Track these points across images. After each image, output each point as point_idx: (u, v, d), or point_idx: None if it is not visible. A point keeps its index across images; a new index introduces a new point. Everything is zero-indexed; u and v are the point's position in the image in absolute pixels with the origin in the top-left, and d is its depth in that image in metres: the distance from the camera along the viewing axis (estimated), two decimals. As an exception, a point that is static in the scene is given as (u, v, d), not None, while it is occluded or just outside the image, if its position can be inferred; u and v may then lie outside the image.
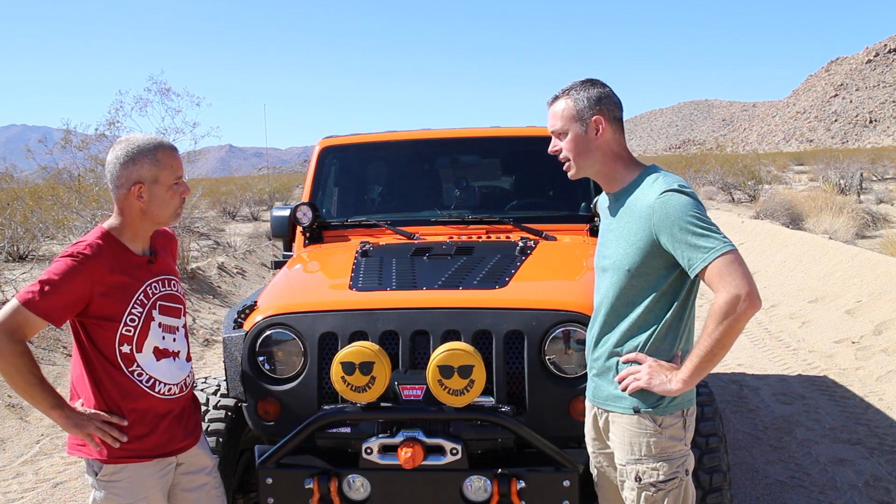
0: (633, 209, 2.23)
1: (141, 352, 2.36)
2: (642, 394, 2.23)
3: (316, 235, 4.06)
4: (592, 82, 2.30)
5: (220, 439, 2.99)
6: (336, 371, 2.61)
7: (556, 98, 2.32)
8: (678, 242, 2.13)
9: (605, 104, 2.27)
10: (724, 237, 2.12)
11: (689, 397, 2.27)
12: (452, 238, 3.84)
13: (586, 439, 2.52)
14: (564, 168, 2.35)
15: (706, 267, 2.09)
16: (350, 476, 2.69)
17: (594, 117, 2.25)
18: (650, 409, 2.23)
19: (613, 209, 2.34)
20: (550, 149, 2.36)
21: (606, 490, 2.50)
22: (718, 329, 2.09)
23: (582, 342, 2.75)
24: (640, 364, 2.23)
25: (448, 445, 2.63)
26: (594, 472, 2.53)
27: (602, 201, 2.47)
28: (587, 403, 2.47)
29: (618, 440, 2.31)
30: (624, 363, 2.27)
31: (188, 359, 2.54)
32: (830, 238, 13.20)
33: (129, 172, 2.30)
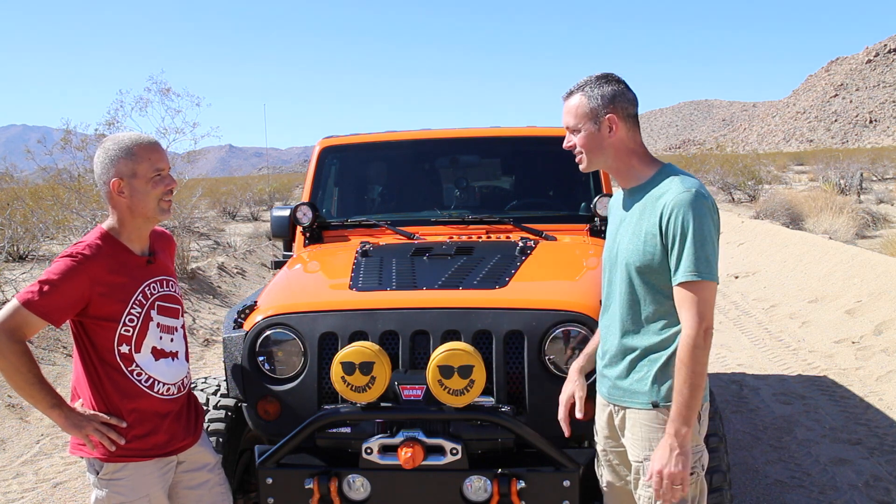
0: (648, 205, 2.23)
1: (139, 352, 2.36)
2: (659, 388, 2.23)
3: (316, 235, 4.05)
4: (607, 79, 2.29)
5: (220, 439, 2.99)
6: (336, 371, 2.61)
7: (570, 93, 2.32)
8: (676, 244, 2.14)
9: (619, 102, 2.26)
10: (714, 262, 2.14)
11: (704, 395, 2.28)
12: (452, 238, 3.84)
13: (597, 437, 2.51)
14: (577, 161, 2.35)
15: (683, 283, 2.13)
16: (350, 476, 2.69)
17: (608, 116, 2.25)
18: (669, 403, 2.22)
19: (627, 204, 2.34)
20: (565, 144, 2.36)
21: (615, 489, 2.49)
22: (684, 363, 2.12)
23: (582, 342, 2.75)
24: (654, 473, 2.19)
25: (448, 445, 2.63)
26: (602, 471, 2.52)
27: (615, 199, 2.46)
28: (599, 401, 2.47)
29: (634, 437, 2.31)
30: (647, 482, 2.25)
31: (186, 359, 2.55)
32: (830, 238, 13.21)
33: (108, 169, 2.32)
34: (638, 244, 2.24)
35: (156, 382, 2.40)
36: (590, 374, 2.71)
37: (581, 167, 2.36)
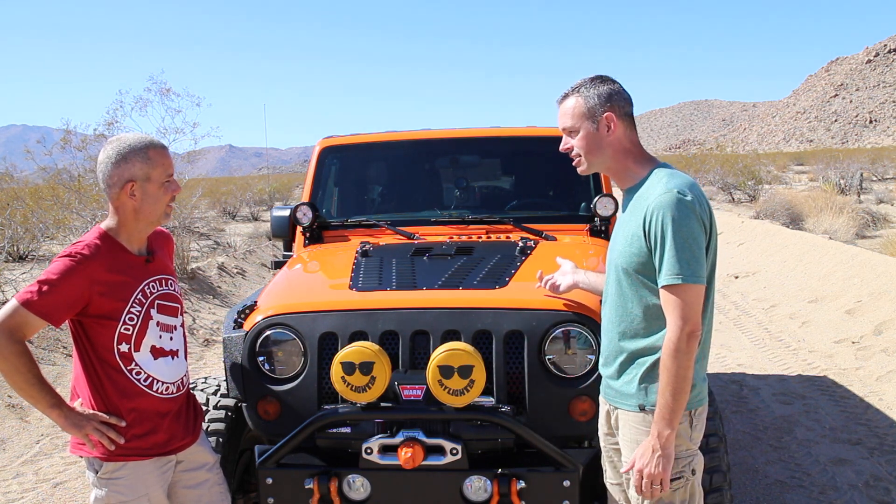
0: (637, 206, 2.23)
1: (139, 351, 2.37)
2: (646, 391, 2.23)
3: (316, 235, 4.05)
4: (602, 79, 2.29)
5: (220, 439, 3.00)
6: (336, 371, 2.61)
7: (566, 96, 2.31)
8: (658, 246, 2.13)
9: (616, 100, 2.26)
10: (697, 264, 2.11)
11: (698, 398, 2.27)
12: (452, 238, 3.84)
13: (599, 433, 2.53)
14: (574, 164, 2.35)
15: (666, 286, 2.12)
16: (350, 476, 2.69)
17: (605, 114, 2.25)
18: (655, 407, 2.22)
19: (624, 205, 2.34)
20: (562, 147, 2.36)
21: (617, 486, 2.50)
22: (666, 366, 2.12)
23: (583, 342, 2.75)
24: (634, 471, 2.22)
25: (448, 445, 2.64)
26: (606, 467, 2.53)
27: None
28: (600, 398, 2.49)
29: (624, 437, 2.32)
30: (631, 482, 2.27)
31: (185, 358, 2.55)
32: (830, 238, 13.20)
33: (121, 171, 2.31)
34: (625, 245, 2.24)
35: (155, 381, 2.41)
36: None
37: (579, 170, 2.35)
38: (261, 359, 2.88)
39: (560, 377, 2.75)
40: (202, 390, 3.22)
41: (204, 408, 3.10)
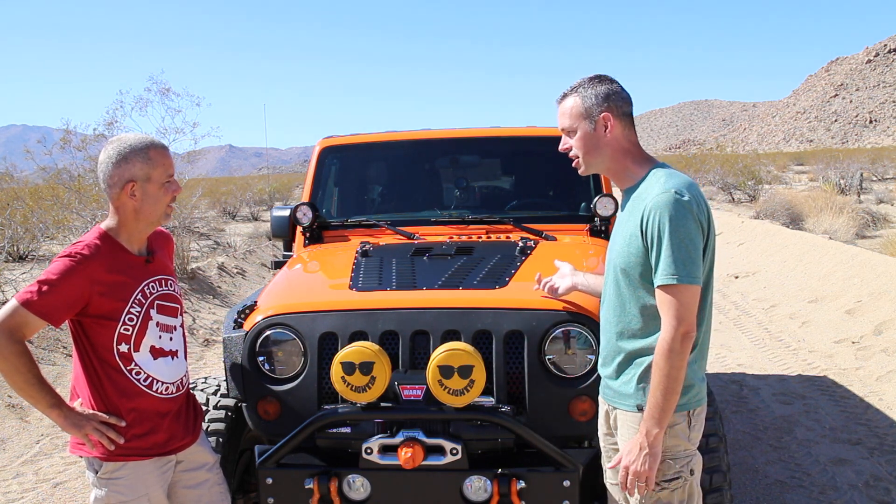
0: (635, 206, 2.23)
1: (138, 351, 2.37)
2: (644, 391, 2.23)
3: (316, 235, 4.05)
4: (600, 78, 2.29)
5: (220, 439, 3.00)
6: (336, 371, 2.61)
7: (564, 96, 2.31)
8: (654, 246, 2.14)
9: (614, 100, 2.26)
10: (693, 264, 2.11)
11: (697, 398, 2.27)
12: (452, 238, 3.84)
13: (598, 434, 2.53)
14: (574, 165, 2.35)
15: (662, 286, 2.12)
16: (350, 476, 2.69)
17: (603, 114, 2.24)
18: None
19: (623, 205, 2.34)
20: (561, 147, 2.36)
21: (617, 486, 2.51)
22: (658, 366, 2.13)
23: (583, 342, 2.75)
24: (620, 467, 2.25)
25: (448, 445, 2.64)
26: (606, 468, 2.53)
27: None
28: (600, 398, 2.49)
29: (622, 437, 2.33)
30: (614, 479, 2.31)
31: (185, 358, 2.55)
32: (830, 238, 13.20)
33: (121, 171, 2.31)
34: (623, 245, 2.25)
35: (154, 381, 2.41)
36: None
37: (579, 171, 2.36)
38: (261, 359, 2.88)
39: (560, 377, 2.75)
40: (202, 390, 3.22)
41: (204, 408, 3.10)
